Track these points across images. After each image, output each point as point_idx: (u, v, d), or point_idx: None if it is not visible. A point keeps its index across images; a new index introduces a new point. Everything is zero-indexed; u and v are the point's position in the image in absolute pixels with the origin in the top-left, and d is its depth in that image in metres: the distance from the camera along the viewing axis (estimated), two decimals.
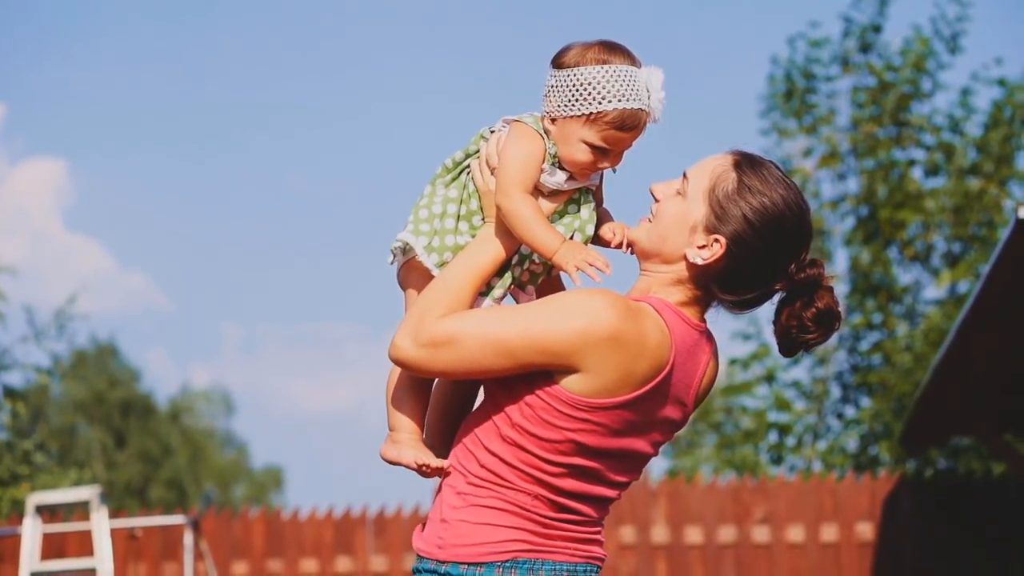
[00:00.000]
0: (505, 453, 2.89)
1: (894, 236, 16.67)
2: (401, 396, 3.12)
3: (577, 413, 2.84)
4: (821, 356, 17.08)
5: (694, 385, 2.98)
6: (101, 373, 36.06)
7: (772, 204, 2.90)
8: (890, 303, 16.80)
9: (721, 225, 2.90)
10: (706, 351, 3.00)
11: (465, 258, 2.98)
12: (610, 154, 2.99)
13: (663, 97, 2.96)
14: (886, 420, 16.04)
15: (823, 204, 17.28)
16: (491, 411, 2.93)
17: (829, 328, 2.96)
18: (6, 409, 15.42)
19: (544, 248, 2.94)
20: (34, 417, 26.63)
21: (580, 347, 2.79)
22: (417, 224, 3.05)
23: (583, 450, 2.87)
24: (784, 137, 17.58)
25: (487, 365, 2.86)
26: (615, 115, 2.93)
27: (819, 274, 2.94)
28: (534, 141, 2.99)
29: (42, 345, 16.37)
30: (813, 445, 17.04)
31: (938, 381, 10.30)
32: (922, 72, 17.03)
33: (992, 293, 8.16)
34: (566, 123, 2.96)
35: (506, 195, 2.95)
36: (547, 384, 2.85)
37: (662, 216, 2.97)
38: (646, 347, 2.82)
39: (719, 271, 2.92)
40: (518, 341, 2.82)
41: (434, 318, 2.90)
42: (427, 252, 3.03)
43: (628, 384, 2.83)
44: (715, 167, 2.95)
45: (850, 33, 17.39)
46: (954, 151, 16.80)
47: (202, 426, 39.55)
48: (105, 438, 34.81)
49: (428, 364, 2.90)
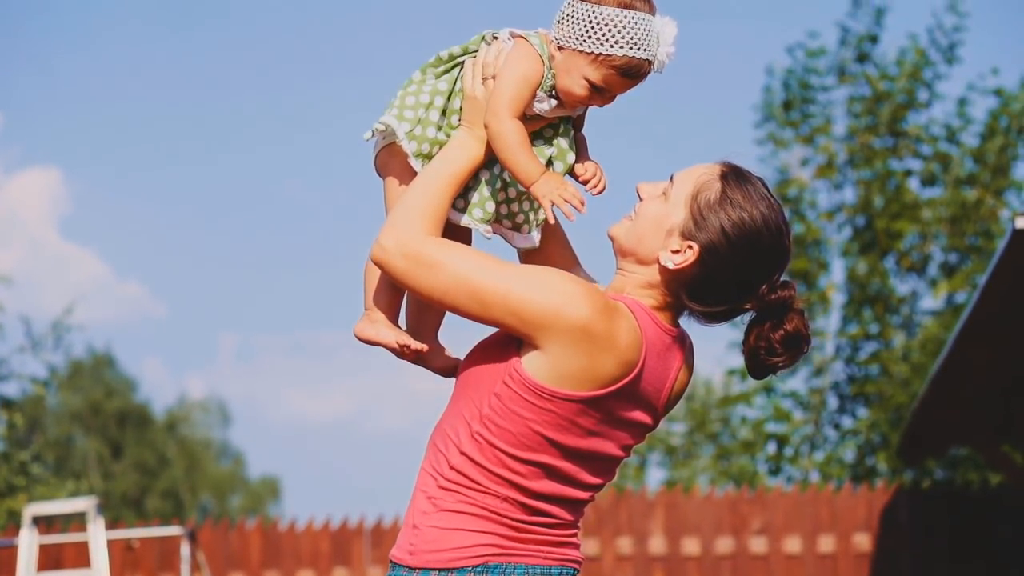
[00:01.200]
0: (475, 452, 2.87)
1: (891, 247, 16.69)
2: (382, 276, 3.10)
3: (541, 402, 2.82)
4: (818, 367, 17.09)
5: (665, 390, 2.97)
6: (97, 383, 36.04)
7: (751, 220, 2.88)
8: (887, 314, 16.81)
9: (698, 232, 2.89)
10: (678, 357, 2.98)
11: (442, 162, 2.99)
12: (605, 95, 3.00)
13: (671, 52, 2.98)
14: (883, 431, 16.04)
15: (820, 214, 17.30)
16: (461, 406, 2.93)
17: (797, 352, 2.94)
18: (2, 420, 15.41)
19: (524, 176, 2.96)
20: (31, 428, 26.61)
21: (548, 324, 2.79)
22: (402, 110, 3.04)
23: (551, 447, 2.85)
24: (780, 147, 17.59)
25: (458, 304, 2.86)
26: (623, 61, 2.95)
27: (791, 296, 2.92)
28: (534, 65, 3.00)
29: (39, 356, 16.36)
30: (810, 456, 17.04)
31: (935, 391, 10.30)
32: (919, 82, 17.06)
33: (989, 303, 8.16)
34: (573, 55, 2.97)
35: (496, 116, 2.97)
36: (514, 370, 2.84)
37: (642, 216, 2.97)
38: (615, 345, 2.81)
39: (689, 278, 2.91)
40: (493, 296, 2.81)
41: (423, 233, 2.90)
42: (408, 138, 3.03)
43: (593, 380, 2.81)
44: (702, 174, 2.94)
45: (846, 43, 17.42)
46: (951, 161, 16.82)
47: (199, 436, 39.51)
48: (101, 449, 34.78)
49: (404, 276, 2.90)
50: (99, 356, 36.67)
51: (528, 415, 2.84)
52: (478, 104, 3.02)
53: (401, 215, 2.93)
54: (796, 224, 17.19)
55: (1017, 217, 7.07)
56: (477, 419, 2.88)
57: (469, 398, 2.92)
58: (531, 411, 2.84)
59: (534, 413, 2.84)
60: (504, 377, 2.86)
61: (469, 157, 3.01)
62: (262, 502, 40.94)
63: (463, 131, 3.03)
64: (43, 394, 16.99)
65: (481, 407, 2.88)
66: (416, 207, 2.94)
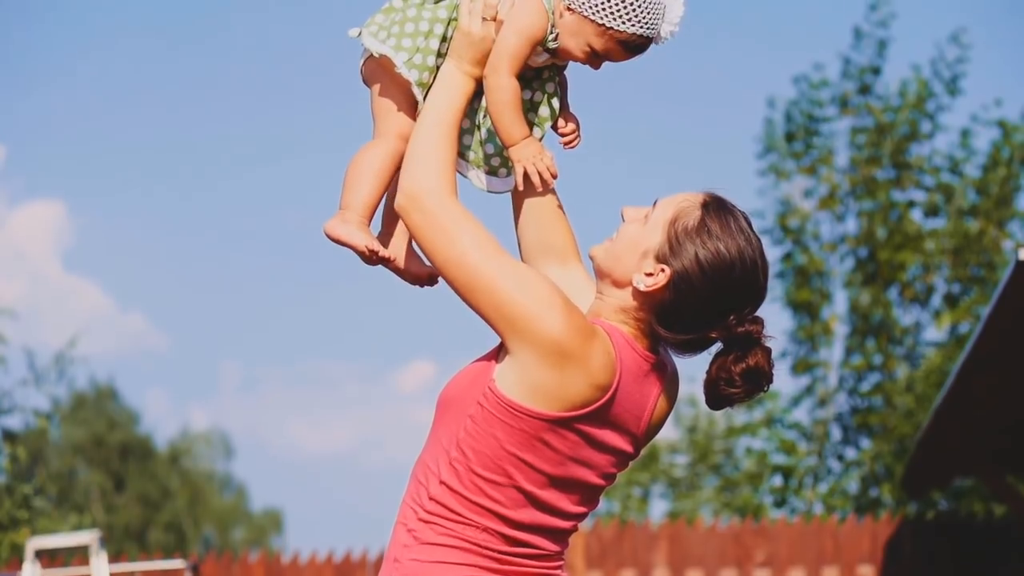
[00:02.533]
0: (453, 480, 2.86)
1: (894, 278, 16.69)
2: (363, 178, 3.10)
3: (512, 420, 2.82)
4: (822, 398, 17.07)
5: (644, 417, 2.96)
6: (100, 416, 36.00)
7: (726, 252, 2.88)
8: (890, 345, 16.80)
9: (672, 257, 2.89)
10: (657, 384, 2.97)
11: (446, 104, 3.02)
12: (602, 61, 3.06)
13: (674, 31, 3.04)
14: (887, 462, 16.01)
15: (823, 245, 17.30)
16: (440, 434, 2.92)
17: (756, 387, 2.93)
18: (5, 453, 15.37)
19: (506, 135, 3.01)
20: (33, 461, 26.60)
21: (522, 328, 2.80)
22: (400, 38, 3.05)
23: (529, 471, 2.85)
24: (782, 178, 17.60)
25: (451, 276, 2.88)
26: (629, 37, 3.01)
27: (758, 331, 2.91)
28: (540, 23, 3.02)
29: (42, 388, 16.33)
30: (814, 487, 17.01)
31: (939, 422, 10.29)
32: (922, 113, 17.07)
33: (993, 334, 8.16)
34: (582, 21, 3.00)
35: (495, 70, 3.01)
36: (488, 389, 2.85)
37: (621, 237, 2.97)
38: (587, 366, 2.81)
39: (659, 302, 2.91)
40: (484, 283, 2.84)
41: (446, 193, 2.93)
42: (408, 67, 3.05)
43: (563, 400, 2.81)
44: (683, 201, 2.95)
45: (849, 74, 17.44)
46: (953, 192, 16.84)
47: (201, 469, 39.45)
48: (104, 481, 34.73)
49: (416, 230, 2.93)
50: (102, 388, 36.64)
51: (502, 435, 2.83)
52: (471, 40, 3.04)
53: (424, 169, 2.95)
54: (798, 255, 17.19)
55: (1020, 248, 7.08)
56: (454, 445, 2.88)
57: (447, 425, 2.92)
58: (504, 431, 2.83)
59: (507, 433, 2.83)
60: (479, 397, 2.86)
61: (466, 97, 3.05)
62: (265, 534, 40.85)
63: (452, 67, 3.05)
64: (46, 427, 16.96)
65: (457, 432, 2.88)
66: (437, 160, 2.96)
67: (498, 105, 3.01)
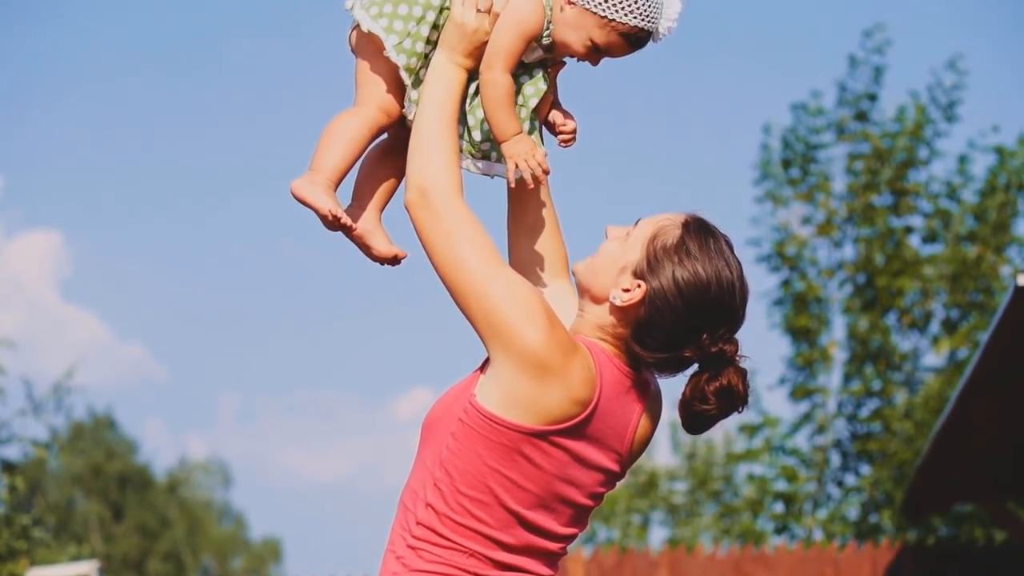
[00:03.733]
0: (438, 502, 2.86)
1: (892, 304, 16.69)
2: (337, 142, 3.10)
3: (492, 433, 2.82)
4: (821, 424, 17.05)
5: (628, 434, 2.95)
6: (98, 446, 35.97)
7: (703, 272, 2.88)
8: (889, 371, 16.79)
9: (649, 274, 2.89)
10: (639, 401, 2.97)
11: (446, 96, 3.03)
12: (602, 56, 3.07)
13: (672, 27, 3.06)
14: (887, 488, 15.99)
15: (821, 272, 17.31)
16: (424, 456, 2.92)
17: (729, 406, 2.93)
18: (4, 483, 15.34)
19: (500, 131, 3.02)
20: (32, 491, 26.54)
21: (504, 336, 2.81)
22: (392, 20, 3.06)
23: (512, 490, 2.84)
24: (779, 205, 17.61)
25: (446, 275, 2.89)
26: (631, 29, 3.02)
27: (733, 352, 2.91)
28: (536, 19, 3.03)
29: (40, 418, 16.31)
30: (813, 513, 16.98)
31: (939, 448, 10.29)
32: (919, 140, 17.10)
33: (992, 360, 8.17)
34: (584, 14, 3.02)
35: (490, 66, 3.02)
36: (468, 404, 2.85)
37: (601, 253, 2.99)
38: (566, 380, 2.81)
39: (634, 318, 2.91)
40: (475, 287, 2.85)
41: (452, 192, 2.94)
42: (397, 51, 3.06)
43: (542, 413, 2.81)
44: (664, 220, 2.96)
45: (845, 101, 17.47)
46: (951, 218, 16.85)
47: (200, 498, 39.39)
48: (103, 511, 34.66)
49: (420, 226, 2.94)
50: (100, 418, 36.62)
51: (483, 451, 2.83)
52: (464, 32, 3.04)
53: (432, 166, 2.96)
54: (796, 282, 17.21)
55: (1019, 274, 7.09)
56: (438, 464, 2.88)
57: (431, 447, 2.92)
58: (485, 446, 2.83)
59: (488, 448, 2.83)
60: (460, 414, 2.86)
61: (462, 88, 3.06)
62: (264, 564, 40.76)
63: (445, 59, 3.06)
64: (45, 457, 16.94)
65: (441, 451, 2.88)
66: (443, 157, 2.97)
67: (492, 101, 3.02)
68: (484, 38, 3.04)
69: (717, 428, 3.03)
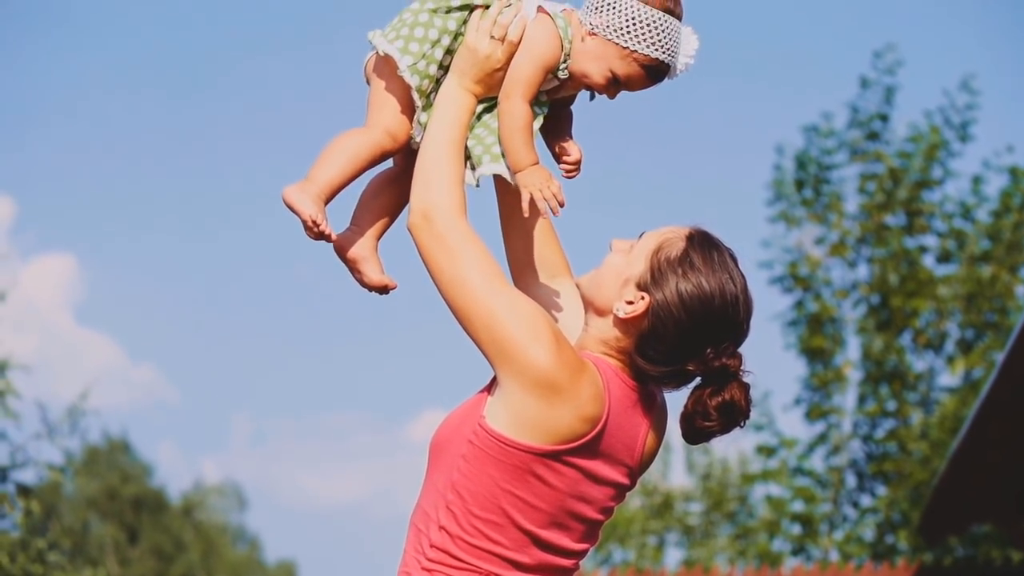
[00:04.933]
0: (452, 524, 2.85)
1: (907, 324, 16.66)
2: (336, 157, 3.11)
3: (504, 455, 2.81)
4: (836, 444, 17.02)
5: (637, 448, 2.96)
6: (113, 469, 35.99)
7: (707, 285, 2.88)
8: (904, 391, 16.75)
9: (652, 287, 2.90)
10: (647, 413, 2.97)
11: (453, 122, 3.04)
12: (620, 89, 3.07)
13: (689, 63, 3.07)
14: (903, 508, 15.95)
15: (835, 292, 17.28)
16: (435, 479, 2.92)
17: (731, 421, 2.93)
18: (20, 507, 15.35)
19: (515, 160, 3.01)
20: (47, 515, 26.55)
21: (512, 357, 2.81)
22: (408, 42, 3.07)
23: (526, 510, 2.84)
24: (792, 225, 17.59)
25: (451, 296, 2.89)
26: (652, 62, 3.03)
27: (736, 366, 2.92)
28: (554, 51, 3.04)
29: (55, 442, 16.32)
30: (829, 534, 16.94)
31: (955, 468, 10.27)
32: (934, 160, 17.08)
33: (1007, 380, 8.16)
34: (605, 44, 3.02)
35: (509, 96, 3.02)
36: (478, 426, 2.85)
37: (605, 265, 2.99)
38: (575, 399, 2.81)
39: (637, 330, 2.91)
40: (481, 307, 2.85)
41: (456, 212, 2.94)
42: (411, 72, 3.06)
43: (552, 433, 2.81)
44: (669, 232, 2.97)
45: (857, 122, 17.46)
46: (966, 238, 16.83)
47: (215, 521, 39.38)
48: (118, 534, 34.66)
49: (424, 249, 2.94)
50: (114, 441, 36.64)
51: (495, 472, 2.83)
52: (476, 58, 3.05)
53: (435, 189, 2.97)
54: (810, 303, 17.18)
55: None
56: (449, 487, 2.87)
57: (441, 469, 2.91)
58: (497, 467, 2.82)
59: (500, 470, 2.82)
60: (470, 436, 2.86)
61: (470, 113, 3.07)
62: None
63: (455, 84, 3.07)
64: (60, 480, 16.95)
65: (452, 473, 2.87)
66: (447, 180, 2.98)
67: (509, 130, 3.02)
68: (496, 65, 3.05)
69: (732, 448, 3.02)
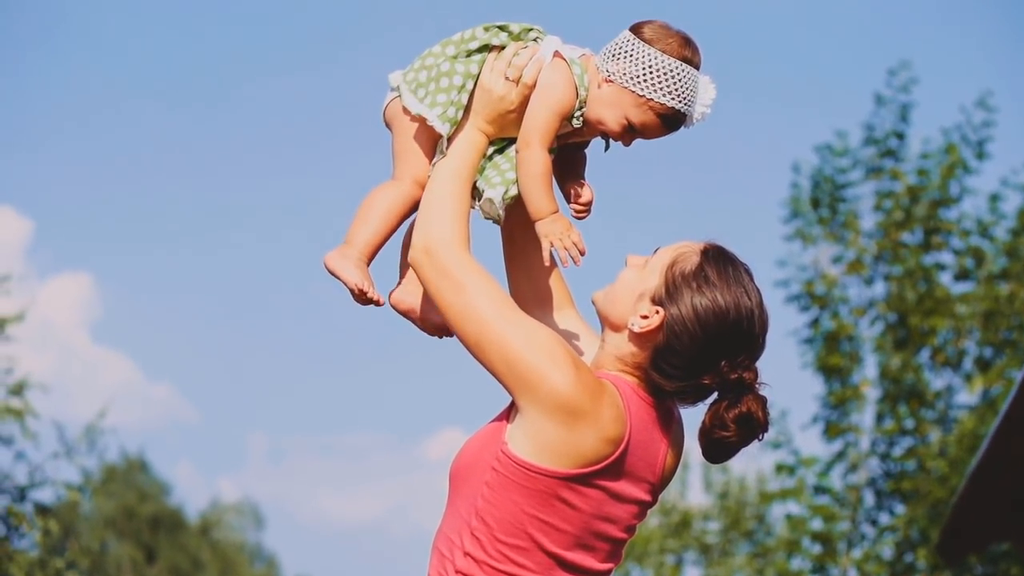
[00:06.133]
0: (477, 551, 2.84)
1: (924, 342, 16.63)
2: (372, 217, 3.11)
3: (529, 481, 2.81)
4: (854, 463, 16.98)
5: (658, 464, 2.96)
6: (130, 488, 36.02)
7: (722, 300, 2.88)
8: (922, 409, 16.71)
9: (667, 301, 2.90)
10: (667, 429, 2.97)
11: (461, 161, 3.04)
12: (635, 136, 3.06)
13: (706, 112, 3.05)
14: (922, 526, 15.90)
15: (852, 310, 17.25)
16: (458, 505, 2.91)
17: (749, 433, 2.92)
18: (38, 527, 15.38)
19: (535, 209, 3.01)
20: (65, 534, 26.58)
21: (532, 385, 2.80)
22: (435, 95, 3.07)
23: (552, 534, 2.83)
24: (808, 243, 17.57)
25: (463, 330, 2.89)
26: (668, 110, 3.01)
27: (751, 379, 2.91)
28: (570, 96, 3.03)
29: (73, 460, 16.36)
30: (848, 553, 16.89)
31: (975, 486, 10.24)
32: (951, 178, 17.05)
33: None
34: (621, 92, 3.01)
35: (527, 143, 3.02)
36: (501, 452, 2.84)
37: (620, 280, 2.99)
38: (597, 422, 2.80)
39: (652, 345, 2.91)
40: (494, 337, 2.84)
41: (459, 246, 2.95)
42: (441, 120, 3.06)
43: (576, 456, 2.80)
44: (683, 247, 2.97)
45: (872, 140, 17.44)
46: (984, 256, 16.80)
47: (232, 540, 39.38)
48: (135, 554, 34.68)
49: (429, 283, 2.95)
50: (132, 460, 36.70)
51: (520, 499, 2.82)
52: (490, 98, 3.06)
53: (438, 223, 2.97)
54: (827, 321, 17.16)
55: None
56: (474, 514, 2.86)
57: (463, 495, 2.90)
58: (522, 494, 2.82)
59: (525, 496, 2.82)
60: (493, 463, 2.85)
61: (480, 153, 3.08)
62: None
63: (468, 124, 3.08)
64: (78, 499, 16.98)
65: (475, 501, 2.86)
66: (451, 215, 2.98)
67: (528, 178, 3.01)
68: (510, 107, 3.05)
69: (750, 467, 3.02)
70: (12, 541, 15.24)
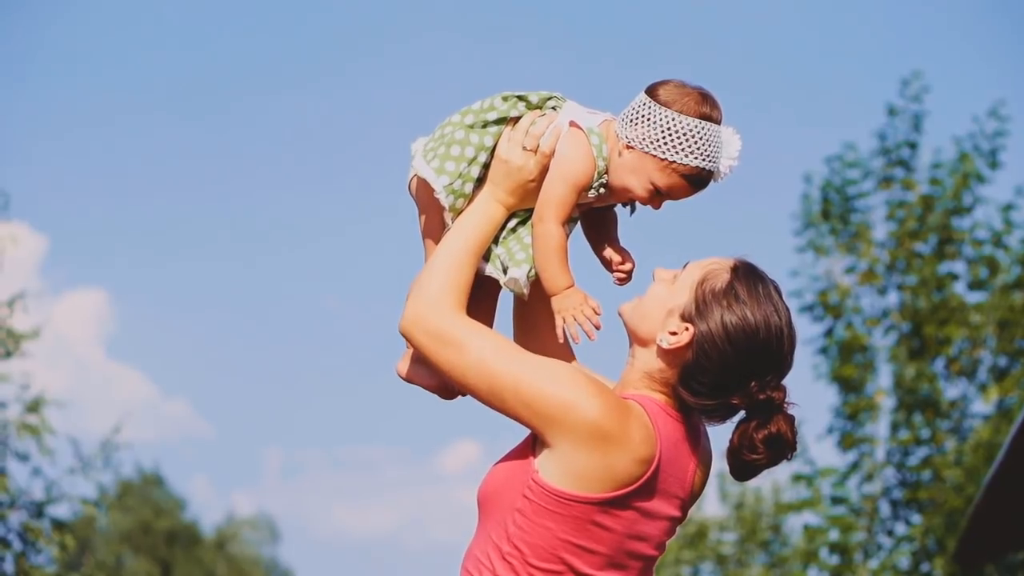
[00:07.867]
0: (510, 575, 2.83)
1: (939, 351, 16.61)
2: None
3: (563, 509, 2.79)
4: (869, 473, 16.96)
5: (688, 479, 2.95)
6: (146, 503, 36.07)
7: (752, 317, 2.86)
8: (937, 418, 16.69)
9: (697, 318, 2.88)
10: (695, 444, 2.96)
11: (470, 231, 3.01)
12: (664, 199, 3.01)
13: (733, 165, 3.00)
14: (938, 536, 15.87)
15: (866, 320, 17.24)
16: (489, 528, 2.89)
17: (778, 454, 2.91)
18: (54, 542, 15.42)
19: (551, 283, 2.98)
20: (81, 550, 26.62)
21: (559, 420, 2.77)
22: (444, 161, 3.03)
23: (586, 555, 2.82)
24: (821, 254, 17.56)
25: (475, 387, 2.87)
26: (693, 171, 2.96)
27: (780, 398, 2.89)
28: (588, 170, 2.99)
29: (89, 476, 16.40)
30: (864, 563, 16.86)
31: (992, 496, 10.23)
32: (965, 188, 17.04)
33: None
34: (643, 157, 2.96)
35: (542, 219, 2.98)
36: (532, 481, 2.82)
37: (649, 295, 2.97)
38: (628, 443, 2.78)
39: (681, 362, 2.89)
40: (507, 384, 2.82)
41: (449, 310, 2.93)
42: (446, 192, 3.02)
43: (610, 480, 2.79)
44: (713, 264, 2.94)
45: (885, 150, 17.44)
46: (997, 266, 16.78)
47: (248, 554, 39.40)
48: (151, 569, 34.71)
49: (426, 351, 2.93)
50: (147, 475, 36.75)
51: (553, 525, 2.80)
52: (508, 169, 3.02)
53: (428, 289, 2.95)
54: (841, 331, 17.14)
55: None
56: (505, 539, 2.85)
57: (494, 519, 2.88)
58: (556, 521, 2.80)
59: (559, 523, 2.80)
60: (524, 490, 2.83)
61: (494, 225, 3.03)
62: None
63: (487, 194, 3.04)
64: (94, 515, 17.01)
65: (507, 526, 2.85)
66: (444, 281, 2.95)
67: (544, 252, 2.98)
68: (529, 177, 3.02)
69: (765, 478, 3.00)
70: (29, 557, 15.28)
